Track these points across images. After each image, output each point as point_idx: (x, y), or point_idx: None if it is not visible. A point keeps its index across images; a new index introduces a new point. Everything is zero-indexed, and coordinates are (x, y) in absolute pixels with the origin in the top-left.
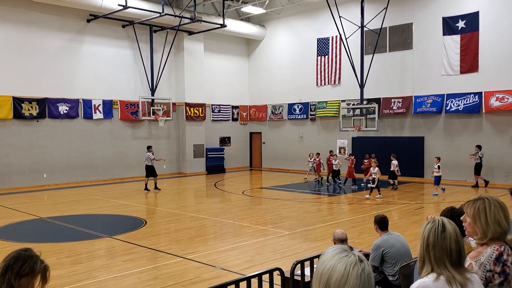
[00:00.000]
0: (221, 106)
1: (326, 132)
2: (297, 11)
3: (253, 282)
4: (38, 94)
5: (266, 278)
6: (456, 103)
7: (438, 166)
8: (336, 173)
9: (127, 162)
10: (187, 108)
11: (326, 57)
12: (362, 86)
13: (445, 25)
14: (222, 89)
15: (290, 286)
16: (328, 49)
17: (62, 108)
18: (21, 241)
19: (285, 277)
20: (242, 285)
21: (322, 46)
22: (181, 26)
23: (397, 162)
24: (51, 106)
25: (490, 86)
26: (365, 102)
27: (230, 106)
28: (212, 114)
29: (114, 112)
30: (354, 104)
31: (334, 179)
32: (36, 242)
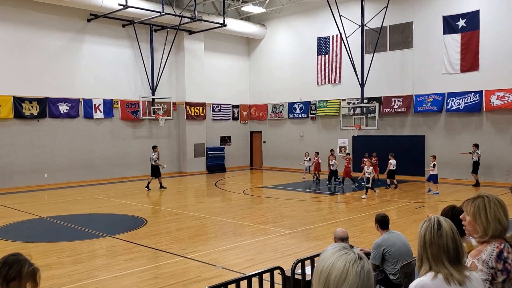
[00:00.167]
0: (221, 105)
1: (327, 131)
2: (297, 10)
3: (253, 281)
4: (39, 94)
5: (267, 277)
6: (456, 102)
7: (433, 164)
8: (333, 173)
9: (128, 161)
10: (188, 107)
11: (327, 56)
12: (362, 85)
13: (445, 23)
14: (223, 88)
15: (291, 285)
16: (328, 48)
17: (63, 107)
18: (21, 240)
19: (285, 276)
20: (243, 284)
21: (323, 45)
22: (181, 25)
23: (395, 162)
24: (52, 105)
25: (491, 84)
26: (365, 101)
27: (230, 105)
28: (212, 113)
29: (115, 111)
30: (354, 103)
31: (329, 180)
32: (36, 242)
